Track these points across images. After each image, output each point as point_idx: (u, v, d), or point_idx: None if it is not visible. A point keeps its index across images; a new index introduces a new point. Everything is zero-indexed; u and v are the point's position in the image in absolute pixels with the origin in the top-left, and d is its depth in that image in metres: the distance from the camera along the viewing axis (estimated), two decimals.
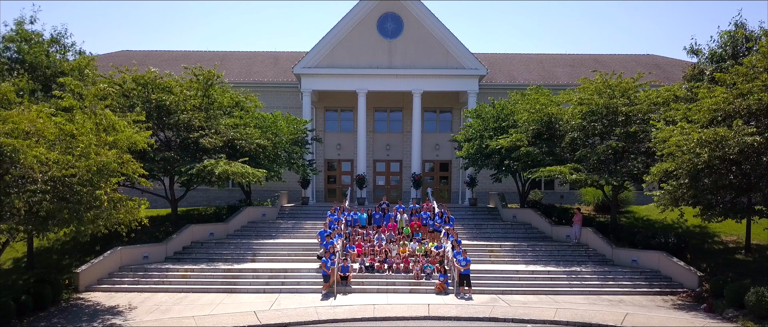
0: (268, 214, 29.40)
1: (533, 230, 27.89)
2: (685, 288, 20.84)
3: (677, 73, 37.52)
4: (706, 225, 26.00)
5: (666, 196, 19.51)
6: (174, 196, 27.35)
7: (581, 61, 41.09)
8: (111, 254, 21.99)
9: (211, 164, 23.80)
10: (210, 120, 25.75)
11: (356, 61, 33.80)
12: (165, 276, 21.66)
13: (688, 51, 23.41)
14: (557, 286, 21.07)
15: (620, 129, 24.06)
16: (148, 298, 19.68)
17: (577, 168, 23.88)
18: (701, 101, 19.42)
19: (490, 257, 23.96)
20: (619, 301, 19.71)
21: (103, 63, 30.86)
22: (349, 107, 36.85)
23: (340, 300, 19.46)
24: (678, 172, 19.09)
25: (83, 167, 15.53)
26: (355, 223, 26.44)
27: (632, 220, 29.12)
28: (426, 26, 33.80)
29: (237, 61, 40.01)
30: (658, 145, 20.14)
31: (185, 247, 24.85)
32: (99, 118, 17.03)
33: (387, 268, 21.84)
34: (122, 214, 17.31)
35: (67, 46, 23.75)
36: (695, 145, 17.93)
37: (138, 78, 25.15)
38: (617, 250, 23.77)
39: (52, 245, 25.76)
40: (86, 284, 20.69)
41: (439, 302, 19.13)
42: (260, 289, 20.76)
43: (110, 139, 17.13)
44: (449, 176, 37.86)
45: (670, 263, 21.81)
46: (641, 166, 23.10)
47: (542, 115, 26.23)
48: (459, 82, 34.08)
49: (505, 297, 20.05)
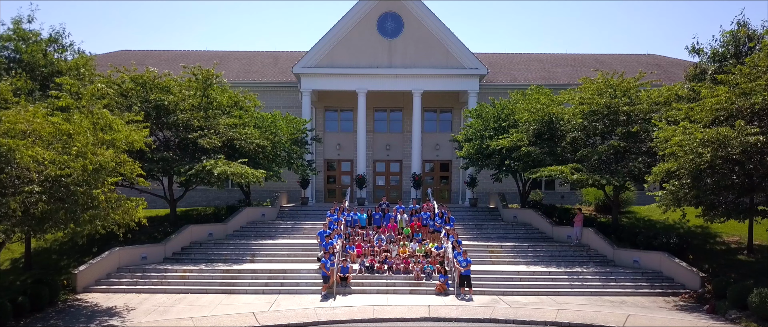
0: (268, 214, 29.25)
1: (534, 231, 27.74)
2: (687, 289, 20.69)
3: (678, 73, 37.40)
4: (707, 225, 25.87)
5: (668, 197, 19.33)
6: (173, 197, 27.20)
7: (582, 60, 40.96)
8: (109, 255, 21.84)
9: (210, 164, 23.65)
10: (209, 120, 25.60)
11: (356, 61, 33.65)
12: (163, 277, 21.50)
13: (690, 50, 23.25)
14: (558, 287, 20.91)
15: (621, 129, 23.92)
16: (146, 299, 19.53)
17: (579, 168, 23.73)
18: (703, 101, 19.27)
19: (490, 258, 23.80)
20: (621, 302, 19.56)
21: (102, 63, 30.72)
22: (349, 107, 36.70)
23: (340, 301, 19.30)
24: (680, 172, 18.93)
25: (79, 167, 15.37)
26: (354, 224, 26.28)
27: (633, 221, 28.97)
28: (426, 25, 33.65)
29: (236, 61, 39.87)
30: (660, 144, 19.98)
31: (184, 248, 24.70)
32: (96, 118, 16.86)
33: (387, 269, 21.69)
34: (119, 215, 17.15)
35: (65, 46, 23.61)
36: (698, 144, 17.77)
37: (136, 77, 25.02)
38: (619, 251, 23.62)
39: (51, 246, 25.62)
40: (84, 285, 20.54)
41: (440, 303, 18.97)
42: (259, 290, 20.61)
43: (107, 138, 16.98)
44: (449, 176, 37.71)
45: (672, 264, 21.65)
46: (643, 166, 22.95)
47: (543, 115, 26.08)
48: (459, 81, 33.92)
49: (506, 298, 19.89)
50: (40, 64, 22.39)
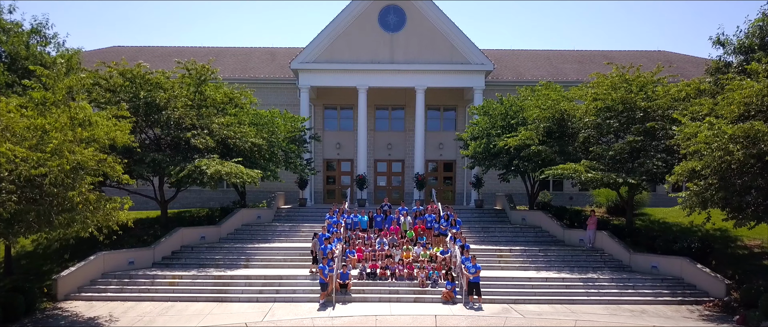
0: (264, 216, 27.95)
1: (544, 233, 26.39)
2: (711, 297, 19.32)
3: (690, 70, 36.16)
4: (727, 228, 24.54)
5: (692, 198, 17.95)
6: (164, 198, 25.83)
7: (590, 57, 39.70)
8: (93, 260, 20.48)
9: (202, 164, 22.29)
10: (202, 118, 24.26)
11: (356, 56, 32.28)
12: (151, 283, 20.16)
13: (714, 42, 21.87)
14: (573, 295, 19.54)
15: (638, 126, 22.55)
16: (131, 308, 18.18)
17: (593, 166, 22.35)
18: (730, 94, 17.88)
19: (499, 263, 22.45)
20: (642, 311, 18.19)
21: (94, 59, 29.45)
22: (349, 105, 35.36)
23: (339, 310, 17.92)
24: (705, 172, 17.56)
25: (55, 166, 14.02)
26: (355, 226, 24.90)
27: (647, 223, 27.61)
28: (429, 19, 32.28)
29: (232, 57, 38.55)
30: (683, 142, 18.62)
31: (174, 252, 23.35)
32: (74, 112, 15.48)
33: (390, 275, 20.33)
34: (100, 217, 15.77)
35: (49, 37, 22.22)
36: (727, 141, 16.40)
37: (125, 72, 23.65)
38: (635, 256, 22.27)
39: (35, 249, 24.28)
40: (65, 292, 19.20)
41: (447, 313, 17.60)
42: (253, 298, 19.25)
43: (86, 135, 15.60)
44: (453, 177, 36.35)
45: (695, 270, 20.29)
46: (662, 163, 21.58)
47: (554, 112, 24.72)
48: (464, 77, 32.54)
49: (518, 307, 18.53)
50: (22, 56, 21.05)
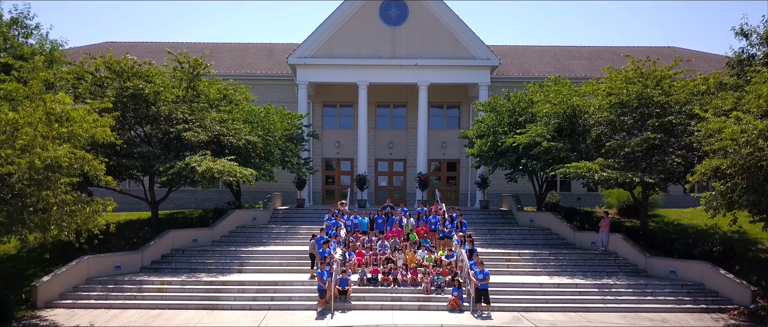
0: (260, 217, 26.71)
1: (554, 236, 25.13)
2: (734, 304, 18.06)
3: (701, 65, 34.86)
4: (746, 230, 23.37)
5: (718, 198, 16.71)
6: (154, 198, 24.55)
7: (598, 53, 38.47)
8: (76, 264, 19.25)
9: (193, 161, 21.02)
10: (194, 114, 23.02)
11: (357, 51, 31.03)
12: (138, 289, 18.92)
13: (737, 33, 20.69)
14: (588, 302, 18.27)
15: (654, 121, 21.27)
16: (115, 317, 16.95)
17: (608, 164, 21.06)
18: (758, 87, 16.64)
19: (507, 267, 21.20)
20: (662, 320, 16.93)
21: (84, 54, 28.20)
22: (349, 102, 34.11)
23: (338, 319, 16.67)
24: (731, 170, 16.32)
25: (25, 163, 12.80)
26: (355, 228, 23.62)
27: (662, 225, 26.33)
28: (433, 13, 31.02)
29: (228, 53, 37.32)
30: (706, 138, 17.38)
31: (164, 256, 22.12)
32: (50, 106, 14.24)
33: (392, 281, 19.08)
34: (79, 220, 14.52)
35: (30, 28, 21.00)
36: (756, 137, 15.16)
37: (112, 64, 22.39)
38: (651, 260, 21.03)
39: (19, 253, 23.04)
40: (46, 299, 17.97)
41: (454, 322, 16.35)
42: (246, 305, 18.00)
43: (64, 131, 14.36)
44: (457, 176, 35.10)
45: (717, 275, 19.03)
46: (681, 161, 20.30)
47: (566, 107, 23.44)
48: (469, 73, 31.27)
49: (530, 315, 17.27)
50: (0, 47, 19.86)
